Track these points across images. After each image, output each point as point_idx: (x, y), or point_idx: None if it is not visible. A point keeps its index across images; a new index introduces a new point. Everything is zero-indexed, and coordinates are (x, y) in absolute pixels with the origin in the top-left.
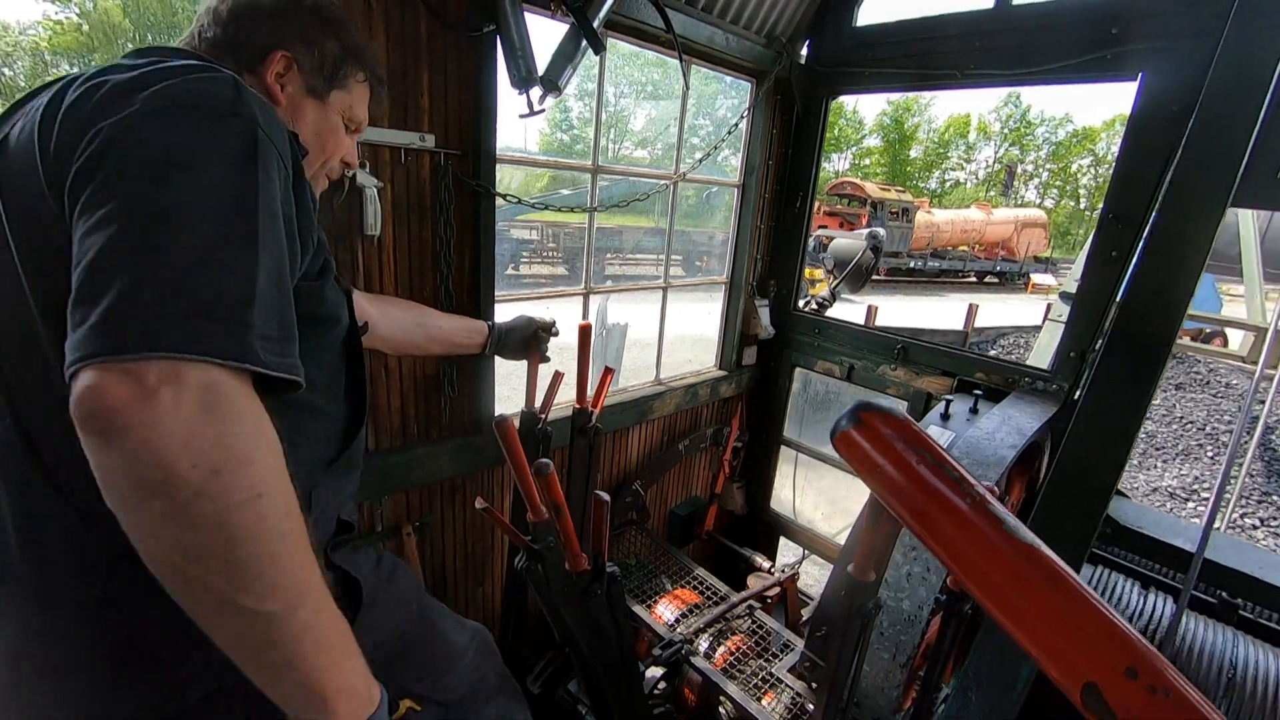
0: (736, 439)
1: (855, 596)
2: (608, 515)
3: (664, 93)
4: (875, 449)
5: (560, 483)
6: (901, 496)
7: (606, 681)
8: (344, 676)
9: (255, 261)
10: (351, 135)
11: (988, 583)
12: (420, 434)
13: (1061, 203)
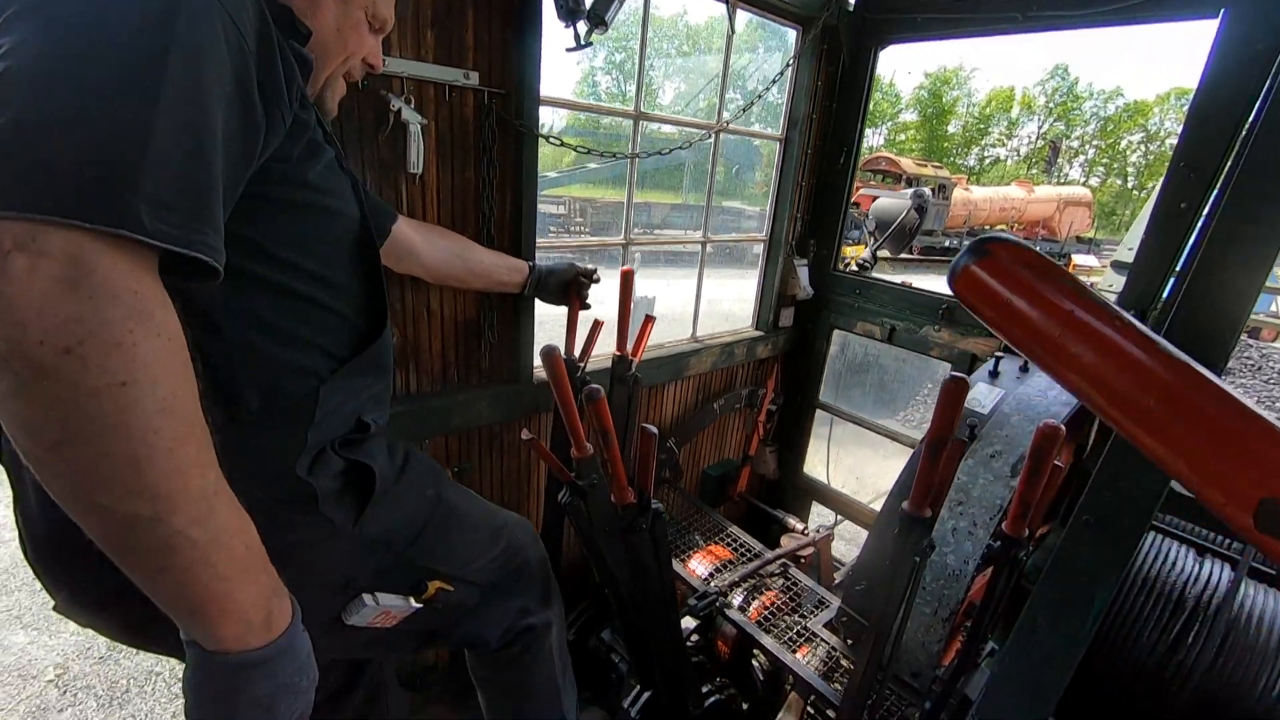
0: (771, 401)
1: (909, 534)
2: (655, 449)
3: (696, 68)
4: (1004, 283)
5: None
6: (1036, 332)
7: (645, 623)
8: (231, 597)
9: (151, 115)
10: (375, 34)
11: (1140, 409)
12: (460, 379)
13: (1108, 181)
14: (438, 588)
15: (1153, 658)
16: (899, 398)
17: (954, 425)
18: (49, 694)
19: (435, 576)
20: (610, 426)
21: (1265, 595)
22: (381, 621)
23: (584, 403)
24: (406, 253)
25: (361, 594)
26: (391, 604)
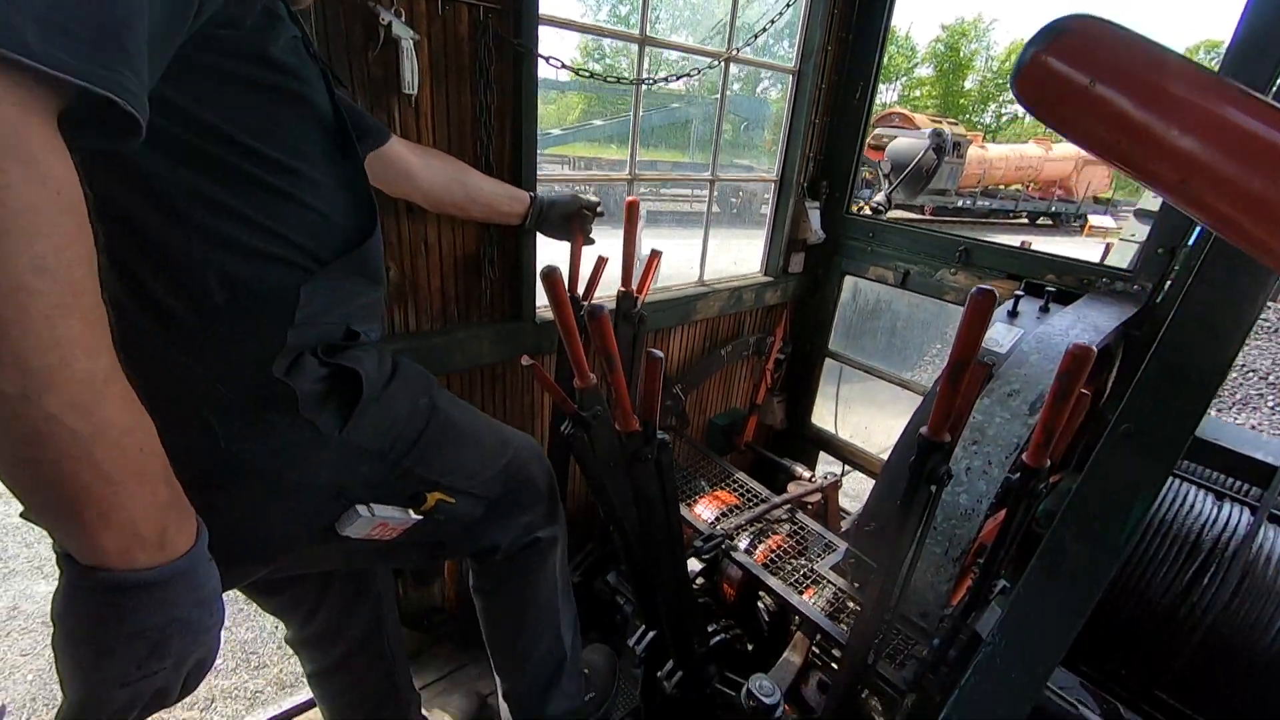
0: (779, 350)
1: (926, 460)
2: (660, 375)
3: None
4: (1086, 65)
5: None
6: (1128, 124)
7: (650, 560)
8: (115, 502)
9: None
10: None
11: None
12: (460, 317)
13: None
14: (437, 499)
15: (1166, 599)
16: (910, 345)
17: (978, 344)
18: None
19: (435, 488)
20: (614, 349)
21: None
22: (380, 534)
23: (586, 321)
24: (402, 174)
25: (355, 505)
26: (389, 515)
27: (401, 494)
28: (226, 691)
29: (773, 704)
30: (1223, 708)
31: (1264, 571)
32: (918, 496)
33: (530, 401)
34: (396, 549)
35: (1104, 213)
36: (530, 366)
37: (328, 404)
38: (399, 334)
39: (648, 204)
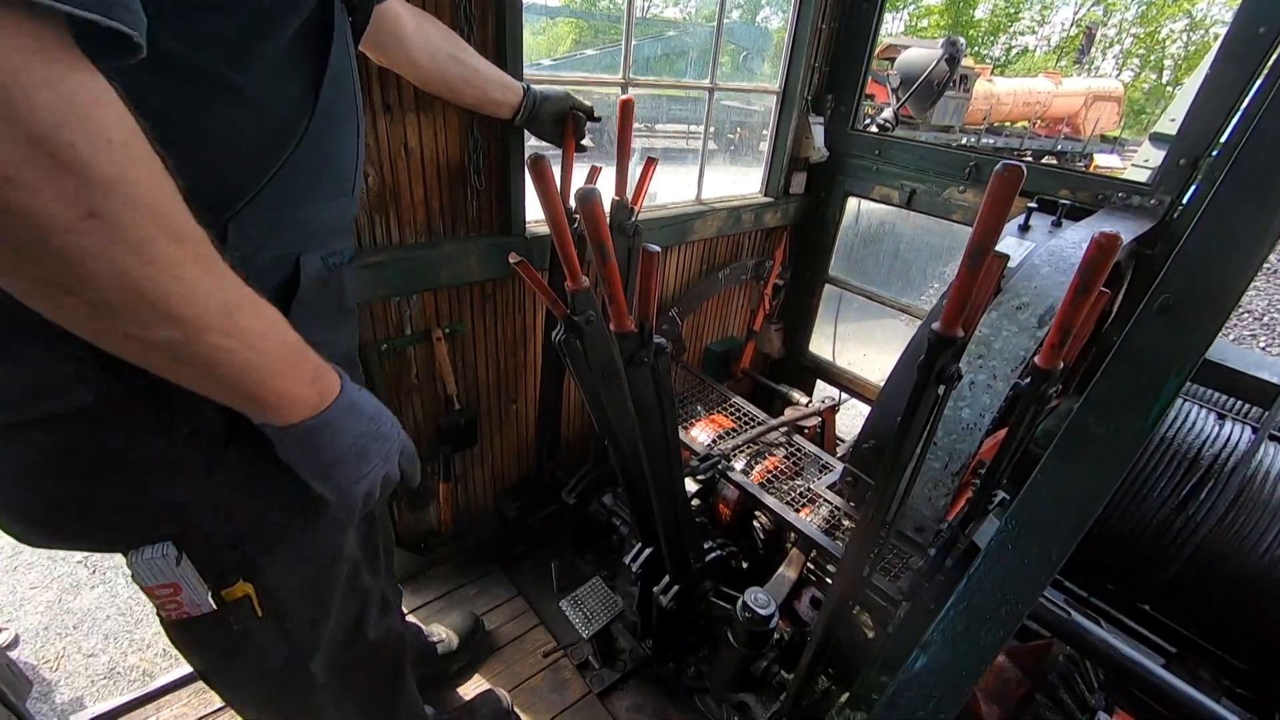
0: (778, 275)
1: (937, 357)
2: (657, 272)
3: None
4: None
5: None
6: None
7: (646, 473)
8: (278, 390)
9: None
10: None
11: None
12: (447, 230)
13: (1141, 75)
14: (243, 594)
15: (1160, 515)
16: (913, 270)
17: (1000, 228)
18: (79, 573)
19: (251, 577)
20: (607, 238)
21: None
22: (165, 601)
23: (576, 206)
24: (395, 39)
25: (168, 540)
26: (187, 579)
27: (215, 566)
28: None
29: (768, 615)
30: (1202, 620)
31: (1261, 488)
32: (925, 398)
33: (522, 323)
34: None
35: (1111, 151)
36: (519, 263)
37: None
38: (381, 246)
39: (641, 140)
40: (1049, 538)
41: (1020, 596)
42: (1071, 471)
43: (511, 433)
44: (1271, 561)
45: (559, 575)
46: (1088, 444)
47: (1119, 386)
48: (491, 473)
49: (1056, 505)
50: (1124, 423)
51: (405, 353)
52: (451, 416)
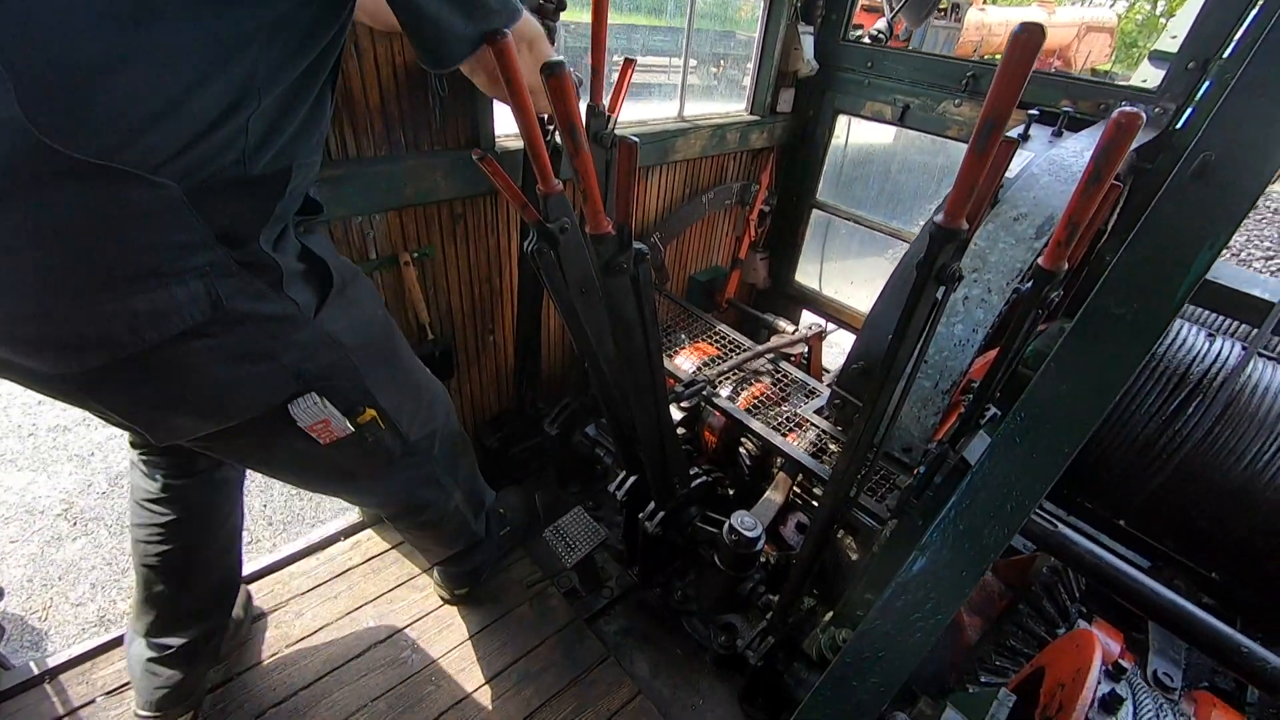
0: (765, 201)
1: (939, 252)
2: (636, 165)
3: None
4: None
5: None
6: None
7: (629, 395)
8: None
9: None
10: None
11: None
12: (409, 143)
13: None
14: (371, 417)
15: (1147, 430)
16: (904, 192)
17: (1016, 96)
18: (60, 525)
19: (374, 405)
20: (577, 117)
21: (1273, 370)
22: (319, 433)
23: (545, 80)
24: None
25: (311, 390)
26: (333, 415)
27: (342, 401)
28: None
29: (754, 537)
30: (1179, 533)
31: (1248, 402)
32: (923, 300)
33: (496, 246)
34: (314, 460)
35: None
36: (483, 159)
37: (307, 286)
38: (337, 160)
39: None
40: (1060, 428)
41: (1027, 492)
42: (1088, 356)
43: (489, 364)
44: (1253, 474)
45: (544, 507)
46: (1108, 326)
47: (1144, 262)
48: (471, 405)
49: (1070, 393)
50: (1148, 301)
51: (373, 278)
52: (425, 347)
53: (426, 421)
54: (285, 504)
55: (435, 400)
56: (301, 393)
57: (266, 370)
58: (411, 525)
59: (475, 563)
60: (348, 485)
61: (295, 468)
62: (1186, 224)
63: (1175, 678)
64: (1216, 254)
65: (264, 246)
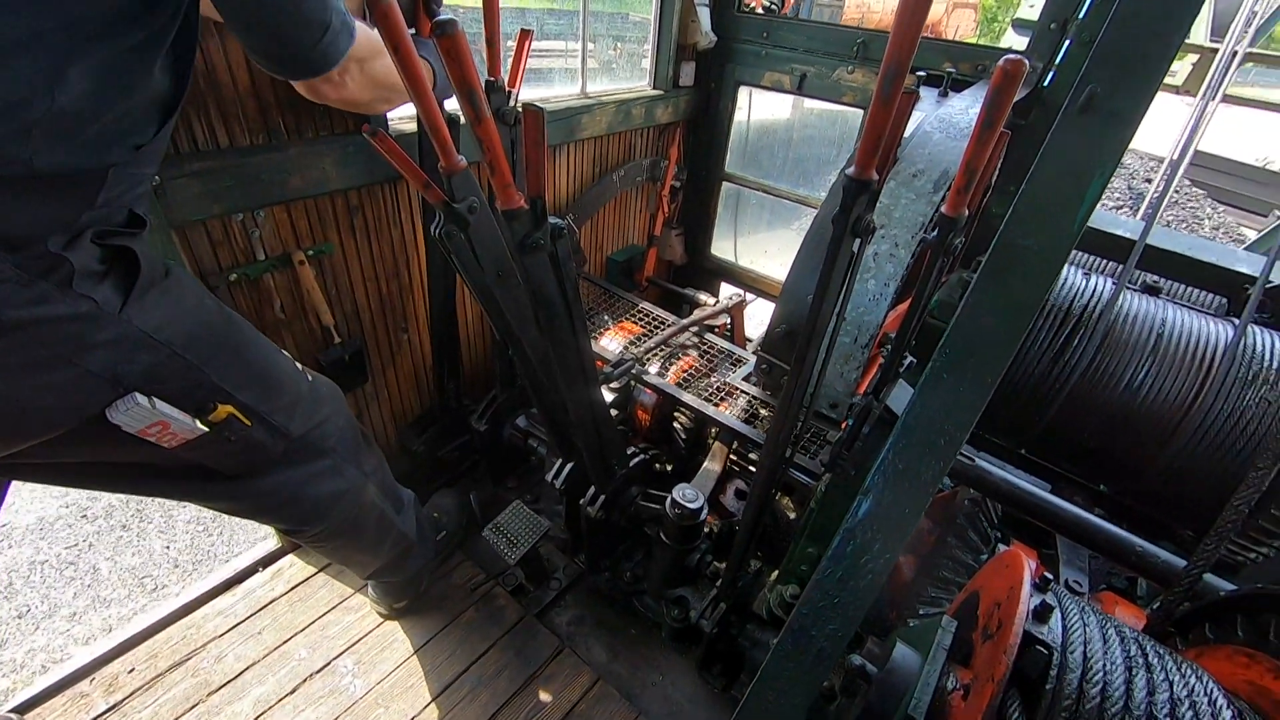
0: (675, 177)
1: (854, 204)
2: (543, 132)
3: None
4: None
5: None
6: None
7: (562, 378)
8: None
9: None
10: None
11: None
12: (290, 129)
13: None
14: (229, 413)
15: (1040, 364)
16: (809, 160)
17: (913, 47)
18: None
19: (229, 401)
20: (476, 82)
21: (1140, 300)
22: (159, 435)
23: (436, 39)
24: None
25: (132, 393)
26: (171, 415)
27: (190, 401)
28: (126, 619)
29: (697, 508)
30: (1073, 455)
31: (1122, 330)
32: (842, 253)
33: (400, 238)
34: (176, 473)
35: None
36: (375, 135)
37: (106, 280)
38: (204, 151)
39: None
40: (983, 360)
41: (958, 424)
42: (1003, 287)
43: (406, 363)
44: (1130, 395)
45: (480, 506)
46: (1017, 257)
47: (1044, 194)
48: (390, 409)
49: (990, 325)
50: (1052, 231)
51: (262, 282)
52: (333, 351)
53: (310, 413)
54: (191, 543)
55: (316, 392)
56: (121, 396)
57: (67, 378)
58: (331, 532)
59: (411, 570)
60: (234, 490)
61: (153, 478)
62: (1079, 155)
63: (1083, 583)
64: (1107, 181)
65: (52, 248)
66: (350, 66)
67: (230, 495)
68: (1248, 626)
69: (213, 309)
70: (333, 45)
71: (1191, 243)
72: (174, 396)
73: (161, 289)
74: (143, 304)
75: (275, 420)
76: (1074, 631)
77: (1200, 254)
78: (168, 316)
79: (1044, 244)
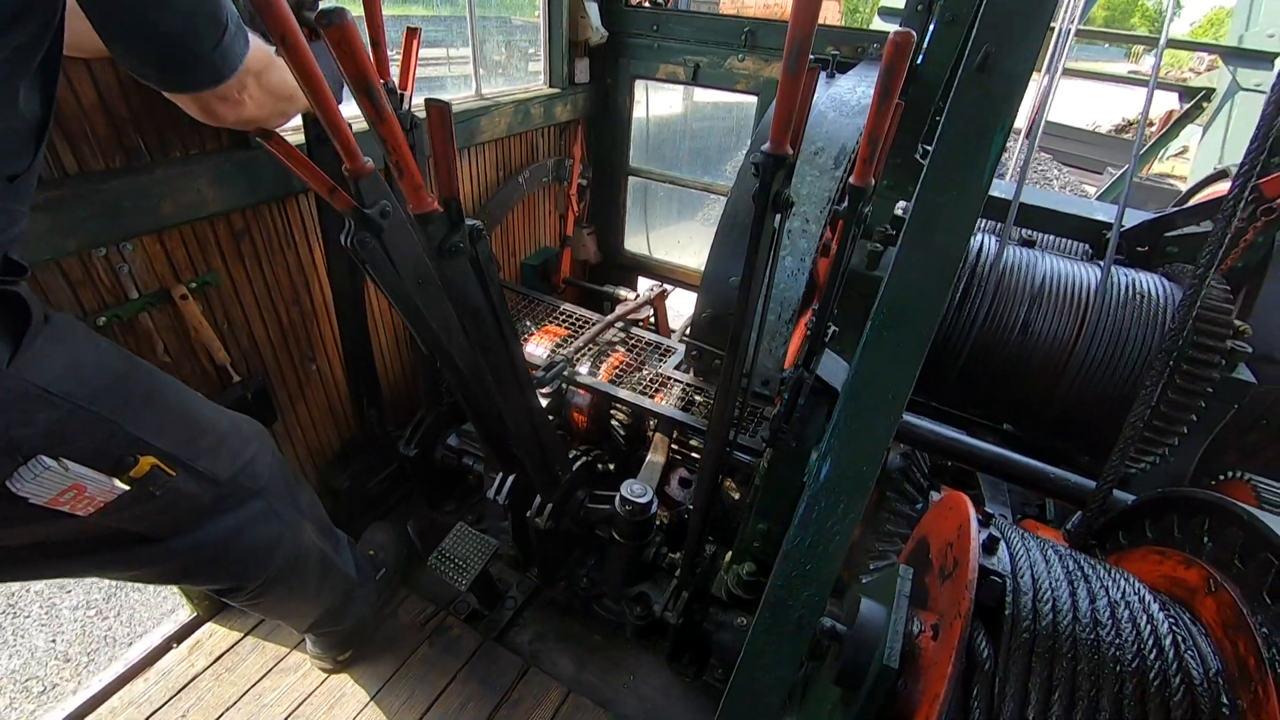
0: (581, 174)
1: (771, 179)
2: (451, 129)
3: None
4: None
5: None
6: None
7: (495, 386)
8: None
9: None
10: None
11: None
12: (153, 148)
13: None
14: (151, 465)
15: (948, 319)
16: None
17: (814, 20)
18: None
19: (149, 452)
20: (373, 74)
21: (1021, 252)
22: (72, 503)
23: (324, 31)
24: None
25: (36, 456)
26: (86, 476)
27: (106, 458)
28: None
29: (647, 501)
30: (982, 401)
31: (1008, 282)
32: (765, 230)
33: (297, 260)
34: (90, 545)
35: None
36: (268, 139)
37: None
38: (54, 178)
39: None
40: (917, 313)
41: (903, 378)
42: (926, 242)
43: (318, 395)
44: (1023, 339)
45: (419, 535)
46: (936, 213)
47: (952, 152)
48: (306, 447)
49: (919, 279)
50: (964, 184)
51: (138, 323)
52: (232, 391)
53: (236, 452)
54: (82, 631)
55: (238, 430)
56: (22, 463)
57: None
58: (271, 582)
59: (354, 617)
60: (161, 553)
61: (60, 557)
62: (979, 112)
63: (1008, 516)
64: (1007, 134)
65: None
66: (248, 81)
67: (156, 559)
68: (1155, 528)
69: (112, 352)
70: (231, 49)
71: (1056, 199)
72: (86, 455)
73: (50, 337)
74: (33, 355)
75: (201, 465)
76: (1020, 558)
77: (1065, 208)
78: (64, 367)
79: (959, 197)
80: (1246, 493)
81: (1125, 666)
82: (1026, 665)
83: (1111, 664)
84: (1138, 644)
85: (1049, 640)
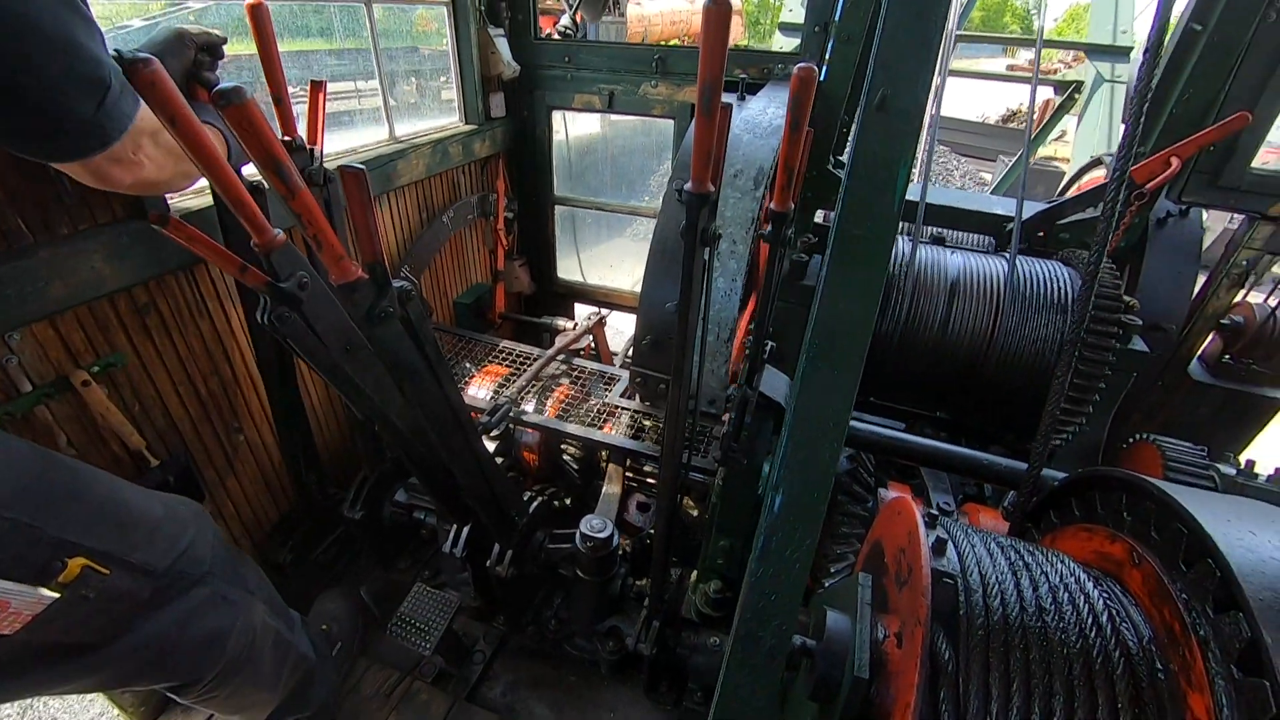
0: (506, 208)
1: (697, 216)
2: (368, 194)
3: None
4: None
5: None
6: None
7: (440, 443)
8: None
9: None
10: None
11: None
12: (35, 227)
13: None
14: (82, 566)
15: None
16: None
17: (723, 60)
18: None
19: (77, 552)
20: (280, 152)
21: (932, 250)
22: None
23: (222, 110)
24: None
25: None
26: (9, 591)
27: (29, 567)
28: None
29: (608, 536)
30: (914, 392)
31: (924, 280)
32: (696, 264)
33: (211, 328)
34: (33, 660)
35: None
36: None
37: None
38: None
39: (299, 105)
40: (849, 340)
41: (842, 404)
42: (848, 274)
43: (249, 467)
44: (942, 331)
45: (374, 599)
46: (854, 245)
47: (862, 188)
48: (241, 523)
49: (846, 308)
50: (877, 216)
51: (35, 417)
52: (152, 476)
53: (173, 539)
54: None
55: (174, 513)
56: None
57: None
58: (227, 672)
59: (317, 701)
60: (98, 661)
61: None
62: (882, 149)
63: (951, 503)
64: (909, 168)
65: None
66: (143, 141)
67: (98, 667)
68: (1081, 505)
69: (24, 450)
70: (117, 109)
71: (959, 196)
72: (5, 567)
73: None
74: None
75: (136, 559)
76: (967, 556)
77: (967, 204)
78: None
79: (873, 230)
80: (1154, 453)
81: (1071, 649)
82: (985, 662)
83: (1059, 648)
84: (1079, 625)
85: (1001, 634)
